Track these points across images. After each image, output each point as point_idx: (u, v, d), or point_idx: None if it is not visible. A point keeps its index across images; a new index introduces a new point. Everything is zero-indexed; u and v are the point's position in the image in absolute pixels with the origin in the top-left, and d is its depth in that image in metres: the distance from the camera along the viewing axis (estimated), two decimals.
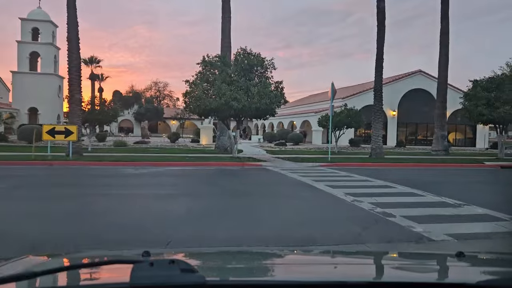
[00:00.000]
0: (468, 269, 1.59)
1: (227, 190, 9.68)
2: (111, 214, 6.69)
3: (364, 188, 10.19)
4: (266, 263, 1.76)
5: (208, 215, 6.75)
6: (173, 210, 7.22)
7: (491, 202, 8.39)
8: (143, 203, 7.84)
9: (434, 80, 37.58)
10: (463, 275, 1.51)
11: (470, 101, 22.30)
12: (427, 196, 9.07)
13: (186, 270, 1.07)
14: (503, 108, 20.74)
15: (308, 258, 1.93)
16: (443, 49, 26.83)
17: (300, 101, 59.24)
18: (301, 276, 1.41)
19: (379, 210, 7.31)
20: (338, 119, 24.79)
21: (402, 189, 10.16)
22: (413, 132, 40.69)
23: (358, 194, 9.07)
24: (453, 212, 7.38)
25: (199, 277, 1.06)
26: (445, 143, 27.10)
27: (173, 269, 1.06)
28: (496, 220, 6.70)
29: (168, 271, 1.06)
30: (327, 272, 1.51)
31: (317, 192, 9.50)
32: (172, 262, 1.08)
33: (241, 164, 16.26)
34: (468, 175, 14.98)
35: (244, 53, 19.03)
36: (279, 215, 7.03)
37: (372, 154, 21.16)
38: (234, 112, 18.01)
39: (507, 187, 12.03)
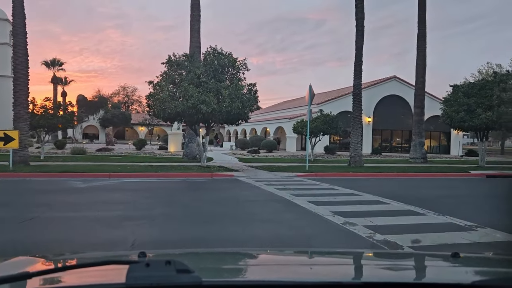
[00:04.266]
0: (463, 270, 1.60)
1: (188, 213, 7.83)
2: (19, 247, 4.85)
3: (353, 204, 8.67)
4: (263, 263, 1.75)
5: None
6: (105, 245, 5.38)
7: (505, 223, 7.04)
8: (69, 233, 5.95)
9: (408, 86, 37.18)
10: (458, 275, 1.53)
11: (451, 106, 21.38)
12: (429, 215, 7.63)
13: (182, 271, 1.07)
14: (485, 115, 19.88)
15: (305, 259, 1.92)
16: (420, 54, 26.07)
17: (273, 107, 57.98)
18: (298, 277, 1.42)
19: (380, 237, 5.77)
20: (314, 125, 23.46)
21: (397, 206, 8.70)
22: (388, 139, 39.98)
23: (348, 213, 7.53)
24: (469, 238, 5.92)
25: (196, 278, 1.07)
26: (423, 150, 26.26)
27: (169, 270, 1.06)
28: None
29: (164, 271, 1.06)
30: (323, 272, 1.53)
31: (300, 211, 7.88)
32: (168, 262, 1.08)
33: (210, 175, 14.52)
34: (458, 186, 13.78)
35: (214, 53, 17.37)
36: None
37: (351, 162, 19.85)
38: (203, 116, 16.27)
39: (507, 202, 10.80)
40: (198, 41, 22.28)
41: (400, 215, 7.58)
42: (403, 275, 1.55)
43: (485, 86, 20.67)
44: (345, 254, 2.27)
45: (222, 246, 5.50)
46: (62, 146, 30.04)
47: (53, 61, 53.23)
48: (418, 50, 26.16)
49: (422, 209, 8.13)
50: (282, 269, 1.61)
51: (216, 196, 10.18)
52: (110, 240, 5.59)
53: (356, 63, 19.65)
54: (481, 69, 44.92)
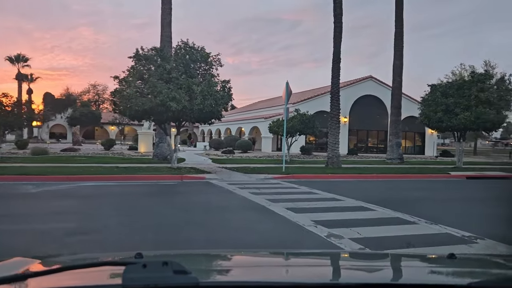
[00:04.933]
0: (459, 271, 1.59)
1: (147, 223, 6.73)
2: None
3: (336, 212, 7.83)
4: (259, 264, 1.74)
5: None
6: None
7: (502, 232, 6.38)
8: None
9: (384, 86, 37.01)
10: (454, 277, 1.52)
11: (429, 106, 20.99)
12: (421, 224, 6.86)
13: (179, 272, 1.06)
14: (463, 115, 19.55)
15: (301, 261, 1.92)
16: (397, 53, 25.74)
17: (249, 106, 57.06)
18: (294, 278, 1.43)
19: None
20: (291, 124, 22.67)
21: (383, 212, 7.91)
22: (364, 139, 39.73)
23: (332, 223, 6.67)
24: (473, 253, 5.15)
25: (192, 279, 1.07)
26: (400, 151, 25.94)
27: (166, 271, 1.06)
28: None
29: (161, 272, 1.06)
30: (320, 273, 1.54)
31: (277, 220, 6.97)
32: (165, 263, 1.08)
33: (180, 177, 13.45)
34: (441, 188, 13.22)
35: (185, 47, 16.30)
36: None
37: (328, 163, 19.15)
38: (173, 114, 15.17)
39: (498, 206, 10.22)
40: (169, 35, 21.14)
41: (389, 224, 6.78)
42: (399, 276, 1.55)
43: (463, 86, 20.36)
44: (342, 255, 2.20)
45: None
46: (24, 146, 28.17)
47: (17, 56, 50.69)
48: (395, 49, 25.82)
49: (411, 217, 7.37)
50: (279, 270, 1.62)
51: (183, 202, 9.14)
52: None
53: (334, 60, 18.96)
54: (455, 71, 45.34)
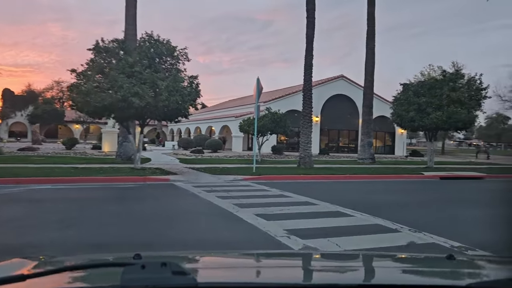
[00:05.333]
0: (458, 272, 1.60)
1: (91, 233, 5.78)
2: None
3: (311, 218, 7.12)
4: (258, 265, 1.74)
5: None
6: None
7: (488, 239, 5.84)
8: None
9: (356, 86, 36.93)
10: (453, 277, 1.53)
11: (401, 105, 20.75)
12: (404, 232, 6.22)
13: (177, 273, 1.06)
14: (435, 114, 19.39)
15: (300, 261, 1.91)
16: (369, 52, 25.46)
17: (220, 105, 56.07)
18: (293, 279, 1.42)
19: None
20: (262, 123, 21.97)
21: (362, 218, 7.26)
22: (335, 139, 39.55)
23: (307, 232, 5.95)
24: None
25: (191, 280, 1.07)
26: (372, 151, 25.72)
27: (164, 272, 1.06)
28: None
29: (159, 273, 1.05)
30: (319, 274, 1.56)
31: (245, 230, 6.18)
32: (163, 264, 1.08)
33: (142, 179, 12.46)
34: (417, 189, 12.83)
35: (150, 39, 15.28)
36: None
37: (300, 163, 18.55)
38: (136, 111, 14.13)
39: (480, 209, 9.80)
40: (134, 28, 19.99)
41: (370, 233, 6.12)
42: (398, 277, 1.54)
43: (435, 86, 20.22)
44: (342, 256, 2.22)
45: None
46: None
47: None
48: (367, 48, 25.52)
49: (393, 223, 6.74)
50: (277, 272, 1.61)
51: (141, 208, 8.19)
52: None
53: (307, 56, 18.37)
54: (423, 71, 45.89)
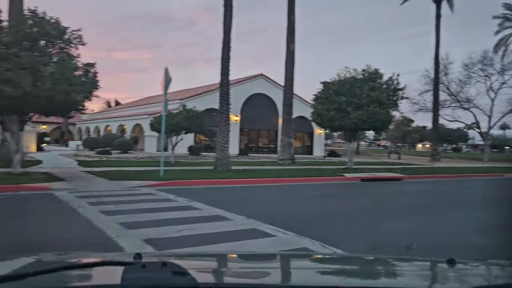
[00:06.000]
0: (459, 276, 1.58)
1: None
2: None
3: (220, 243, 5.41)
4: (259, 266, 1.74)
5: None
6: None
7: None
8: None
9: (276, 85, 36.18)
10: (454, 282, 1.53)
11: (322, 104, 20.02)
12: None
13: (178, 273, 1.06)
14: (355, 114, 18.90)
15: (302, 263, 1.87)
16: (290, 48, 24.64)
17: (134, 102, 52.41)
18: (294, 281, 1.44)
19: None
20: (175, 121, 19.91)
21: (286, 239, 5.67)
22: (255, 139, 38.52)
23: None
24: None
25: (191, 280, 1.06)
26: (292, 151, 24.92)
27: (165, 272, 1.06)
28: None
29: (160, 273, 1.05)
30: (320, 277, 1.55)
31: None
32: (164, 264, 1.08)
33: (15, 188, 9.83)
34: (344, 195, 11.78)
35: (34, 17, 12.52)
36: None
37: (217, 165, 16.87)
38: (10, 103, 11.34)
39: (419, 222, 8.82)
40: (21, 7, 16.77)
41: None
42: (398, 281, 1.54)
43: (355, 84, 19.77)
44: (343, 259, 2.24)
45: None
46: None
47: None
48: (287, 44, 24.63)
49: (324, 246, 5.27)
50: (278, 273, 1.62)
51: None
52: None
53: (224, 48, 16.73)
54: (340, 73, 46.80)
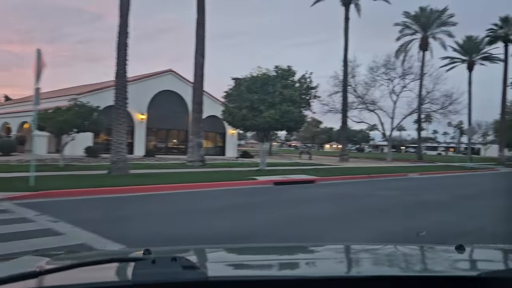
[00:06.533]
0: (468, 262, 1.61)
1: None
2: None
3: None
4: (269, 259, 1.71)
5: None
6: None
7: None
8: None
9: (186, 82, 33.97)
10: (463, 267, 1.54)
11: (233, 102, 18.60)
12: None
13: (188, 267, 1.07)
14: (268, 112, 17.79)
15: (311, 254, 1.90)
16: (199, 42, 22.88)
17: (23, 98, 46.39)
18: (304, 272, 1.43)
19: None
20: (64, 118, 17.05)
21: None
22: (164, 140, 36.03)
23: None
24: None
25: (201, 274, 1.07)
26: (202, 152, 23.17)
27: (175, 266, 1.06)
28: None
29: (170, 268, 1.06)
30: (330, 267, 1.52)
31: None
32: (174, 259, 1.08)
33: None
34: (257, 205, 10.31)
35: None
36: None
37: (112, 169, 14.55)
38: None
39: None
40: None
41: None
42: (409, 268, 1.54)
43: (267, 82, 18.68)
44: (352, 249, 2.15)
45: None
46: None
47: None
48: (197, 38, 22.87)
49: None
50: (288, 265, 1.60)
51: None
52: None
53: (121, 33, 14.44)
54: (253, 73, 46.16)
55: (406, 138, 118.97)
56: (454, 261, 1.56)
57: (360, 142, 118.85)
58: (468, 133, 40.50)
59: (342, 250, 2.04)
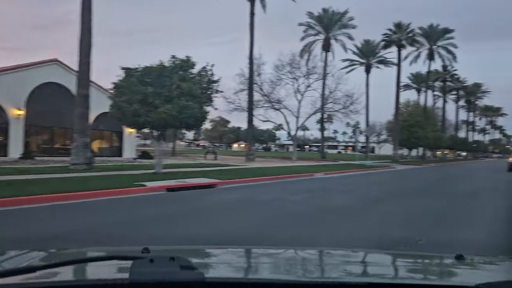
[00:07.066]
0: (468, 272, 1.59)
1: None
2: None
3: None
4: (266, 261, 1.73)
5: None
6: None
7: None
8: None
9: (74, 74, 30.15)
10: (462, 277, 1.52)
11: (123, 95, 16.03)
12: None
13: (186, 267, 1.07)
14: (164, 108, 15.57)
15: (309, 258, 1.90)
16: (85, 26, 19.71)
17: None
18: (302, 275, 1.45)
19: None
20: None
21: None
22: (48, 139, 31.48)
23: None
24: None
25: (199, 274, 1.07)
26: (89, 154, 20.00)
27: (173, 266, 1.06)
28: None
29: (168, 267, 1.06)
30: (328, 271, 1.56)
31: None
32: (172, 259, 1.08)
33: None
34: (133, 223, 8.13)
35: None
36: None
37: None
38: None
39: None
40: None
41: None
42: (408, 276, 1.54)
43: (163, 73, 16.44)
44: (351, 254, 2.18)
45: None
46: None
47: None
48: (82, 22, 19.66)
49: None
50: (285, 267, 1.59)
51: None
52: None
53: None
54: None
55: (309, 137, 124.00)
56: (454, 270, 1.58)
57: (267, 142, 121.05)
58: (367, 132, 42.23)
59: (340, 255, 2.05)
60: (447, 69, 65.65)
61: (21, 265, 1.22)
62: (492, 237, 6.99)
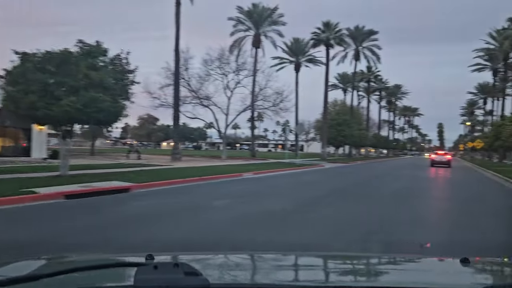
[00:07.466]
0: (473, 275, 1.58)
1: None
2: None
3: None
4: (271, 267, 1.71)
5: None
6: None
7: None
8: None
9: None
10: (468, 280, 1.51)
11: (17, 84, 13.47)
12: None
13: (190, 273, 1.06)
14: (67, 100, 13.31)
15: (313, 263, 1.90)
16: None
17: None
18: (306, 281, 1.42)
19: None
20: None
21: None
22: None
23: None
24: None
25: (203, 281, 1.06)
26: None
27: (177, 272, 1.05)
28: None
29: (172, 274, 1.05)
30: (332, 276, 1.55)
31: None
32: (176, 265, 1.08)
33: None
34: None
35: None
36: None
37: None
38: None
39: None
40: None
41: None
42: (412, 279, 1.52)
43: (68, 60, 14.12)
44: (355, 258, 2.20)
45: None
46: None
47: None
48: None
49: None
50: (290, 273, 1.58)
51: None
52: None
53: None
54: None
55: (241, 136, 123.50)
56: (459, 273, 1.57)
57: (198, 140, 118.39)
58: (297, 130, 42.07)
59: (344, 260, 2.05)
60: (371, 70, 68.42)
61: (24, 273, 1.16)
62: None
